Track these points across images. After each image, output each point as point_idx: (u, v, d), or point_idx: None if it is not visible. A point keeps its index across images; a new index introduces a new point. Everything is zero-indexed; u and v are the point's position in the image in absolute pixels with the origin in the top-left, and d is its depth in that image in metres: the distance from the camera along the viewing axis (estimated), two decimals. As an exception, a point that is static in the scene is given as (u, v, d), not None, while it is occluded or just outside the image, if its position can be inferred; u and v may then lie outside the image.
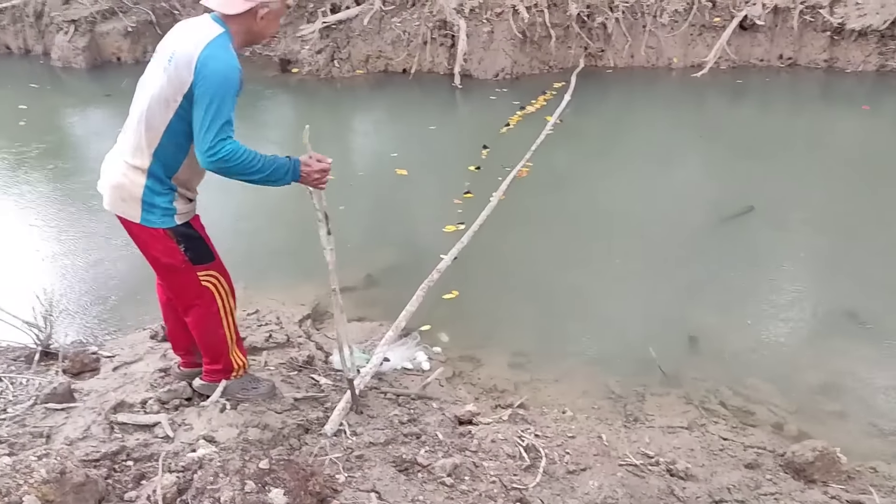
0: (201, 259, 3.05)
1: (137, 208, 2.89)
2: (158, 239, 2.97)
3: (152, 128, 2.80)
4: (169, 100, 2.73)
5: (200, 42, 2.69)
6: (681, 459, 3.27)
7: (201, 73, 2.64)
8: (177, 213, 2.94)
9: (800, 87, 8.95)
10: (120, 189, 2.91)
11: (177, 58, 2.72)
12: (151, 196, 2.88)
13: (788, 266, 5.21)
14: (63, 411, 3.27)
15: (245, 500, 2.44)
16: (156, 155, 2.83)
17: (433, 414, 3.54)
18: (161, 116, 2.77)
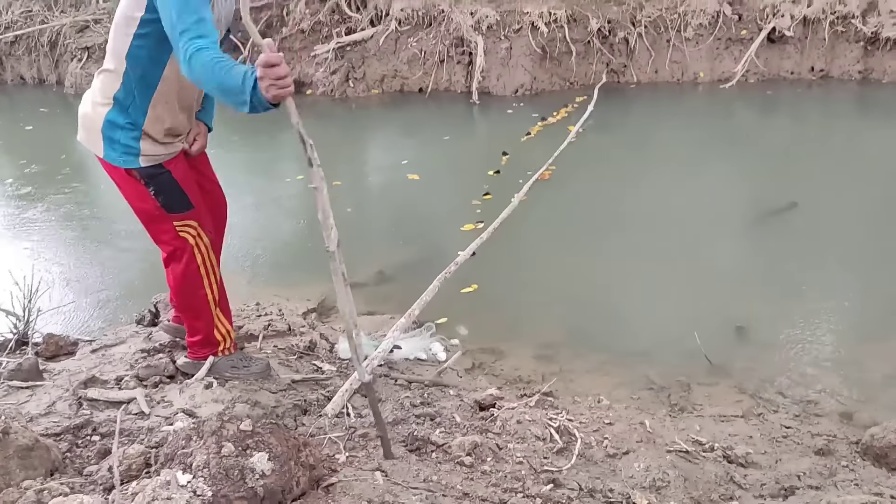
0: (175, 207, 2.70)
1: (99, 141, 2.61)
2: (125, 179, 2.67)
3: (116, 51, 2.52)
4: (128, 18, 2.46)
5: None
6: (739, 446, 2.80)
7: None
8: (141, 153, 2.61)
9: (833, 99, 8.56)
10: (84, 117, 2.64)
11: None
12: (112, 129, 2.58)
13: (837, 259, 4.74)
14: (28, 389, 2.87)
15: (221, 464, 2.00)
16: (123, 83, 2.53)
17: (450, 399, 3.10)
18: (122, 40, 2.48)
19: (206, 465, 2.02)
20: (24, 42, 11.21)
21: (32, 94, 10.92)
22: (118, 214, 5.98)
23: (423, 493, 2.29)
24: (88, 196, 6.49)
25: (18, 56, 11.32)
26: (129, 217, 5.76)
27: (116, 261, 5.02)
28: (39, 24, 10.95)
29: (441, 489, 2.33)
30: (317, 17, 9.76)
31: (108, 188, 6.61)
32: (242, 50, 9.93)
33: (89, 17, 10.74)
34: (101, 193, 6.59)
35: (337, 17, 9.78)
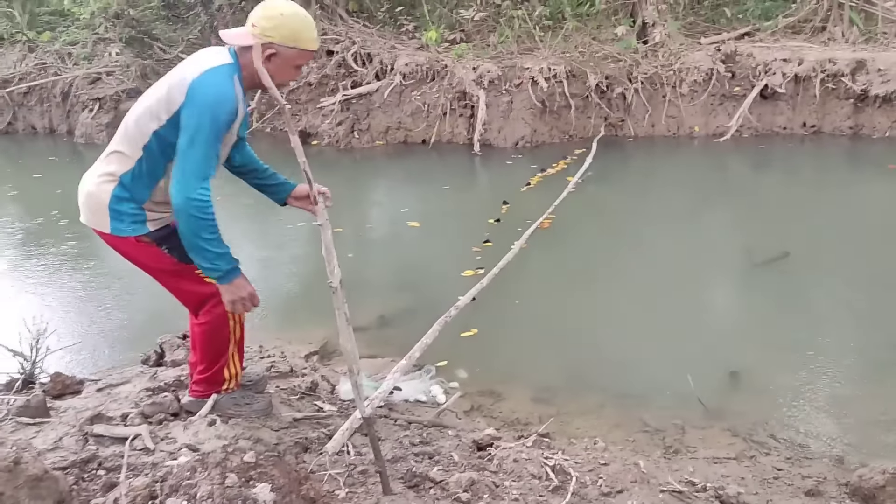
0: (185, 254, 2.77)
1: (106, 217, 2.72)
2: (137, 247, 2.78)
3: (133, 139, 2.67)
4: (154, 115, 2.61)
5: (202, 66, 2.59)
6: (731, 486, 2.85)
7: (191, 97, 2.52)
8: (148, 219, 2.75)
9: (825, 154, 8.73)
10: (89, 197, 2.76)
11: (175, 74, 2.63)
12: (118, 203, 2.70)
13: (828, 307, 4.83)
14: (35, 426, 2.94)
15: (225, 494, 2.07)
16: (130, 168, 2.69)
17: (448, 439, 3.17)
18: (143, 129, 2.64)
19: (209, 495, 2.09)
20: (36, 93, 11.49)
21: (43, 143, 11.15)
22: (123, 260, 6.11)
23: (420, 527, 2.35)
24: (93, 241, 6.61)
25: (31, 106, 11.59)
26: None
27: (121, 303, 5.11)
28: (53, 76, 11.24)
29: (438, 524, 2.39)
30: (323, 71, 10.03)
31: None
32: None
33: (102, 70, 11.04)
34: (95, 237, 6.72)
35: (343, 71, 10.05)
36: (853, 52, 9.12)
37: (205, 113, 2.50)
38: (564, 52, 9.70)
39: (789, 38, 9.84)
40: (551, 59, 9.44)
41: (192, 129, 2.50)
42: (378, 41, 10.29)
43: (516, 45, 10.04)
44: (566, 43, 9.90)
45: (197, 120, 2.50)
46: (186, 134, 2.51)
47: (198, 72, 2.56)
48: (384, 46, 10.13)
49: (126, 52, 11.11)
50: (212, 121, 2.51)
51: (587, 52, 9.74)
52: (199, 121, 2.50)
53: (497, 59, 9.68)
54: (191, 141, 2.51)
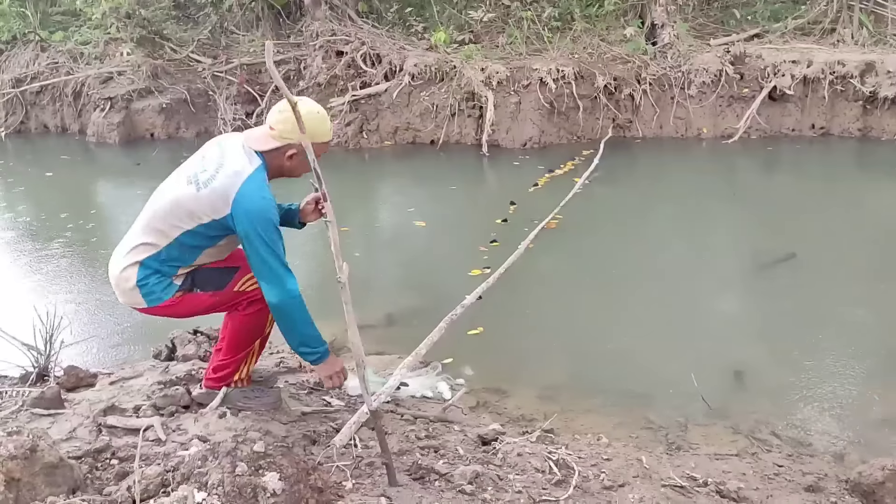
0: (224, 281, 2.94)
1: (138, 295, 2.88)
2: (177, 304, 2.92)
3: (161, 232, 2.83)
4: (194, 214, 2.77)
5: (240, 176, 2.75)
6: (731, 481, 2.89)
7: (240, 210, 2.71)
8: (173, 281, 2.91)
9: (833, 156, 8.76)
10: (119, 281, 2.91)
11: (213, 186, 2.75)
12: (145, 279, 2.86)
13: (832, 308, 4.84)
14: (50, 417, 3.01)
15: (235, 482, 2.13)
16: (155, 255, 2.84)
17: (453, 434, 3.22)
18: (177, 223, 2.80)
19: (220, 483, 2.15)
20: (49, 92, 11.60)
21: (55, 142, 11.25)
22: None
23: (425, 517, 2.40)
24: (103, 238, 6.72)
25: (43, 105, 11.70)
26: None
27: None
28: (65, 76, 11.35)
29: (443, 515, 2.44)
30: (333, 72, 10.10)
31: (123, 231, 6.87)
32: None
33: (113, 70, 11.13)
34: (117, 235, 6.81)
35: (352, 72, 10.11)
36: (862, 54, 9.13)
37: (255, 221, 2.71)
38: (573, 54, 9.74)
39: (798, 39, 9.85)
40: (560, 61, 9.48)
41: (252, 237, 2.72)
42: (387, 42, 10.35)
43: (525, 47, 10.08)
44: (575, 44, 9.94)
45: (252, 229, 2.71)
46: (249, 243, 2.74)
47: (238, 182, 2.73)
48: (393, 47, 10.19)
49: (137, 51, 11.20)
50: (266, 226, 2.74)
51: (596, 53, 9.78)
52: (253, 229, 2.71)
53: (506, 60, 9.73)
54: (255, 247, 2.73)
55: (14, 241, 6.71)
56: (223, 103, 10.84)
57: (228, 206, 2.72)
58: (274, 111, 2.83)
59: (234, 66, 11.07)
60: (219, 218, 2.75)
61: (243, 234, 2.74)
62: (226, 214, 2.73)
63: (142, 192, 8.23)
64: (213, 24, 11.97)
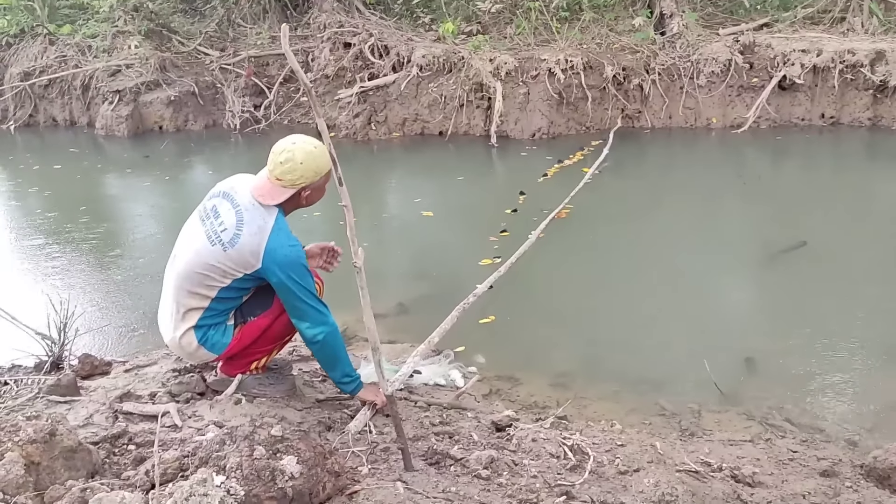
0: (268, 299, 3.02)
1: (205, 352, 3.01)
2: (239, 340, 3.03)
3: (200, 295, 2.92)
4: (227, 272, 2.87)
5: (264, 232, 2.84)
6: (746, 466, 2.90)
7: (271, 263, 2.81)
8: (227, 325, 3.03)
9: (843, 145, 8.71)
10: (182, 350, 3.03)
11: (240, 244, 2.83)
12: (204, 337, 2.97)
13: (844, 295, 4.82)
14: (66, 403, 3.03)
15: (253, 466, 2.14)
16: (203, 315, 2.95)
17: (467, 420, 3.23)
18: (212, 284, 2.89)
19: (238, 466, 2.16)
20: (57, 85, 11.60)
21: (64, 135, 11.28)
22: (145, 247, 6.22)
23: (441, 502, 2.41)
24: (114, 229, 6.75)
25: (52, 99, 11.71)
26: (156, 249, 5.99)
27: (146, 288, 5.20)
28: (73, 69, 11.36)
29: (459, 499, 2.45)
30: (341, 63, 10.10)
31: (132, 223, 6.90)
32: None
33: (121, 63, 11.14)
34: (126, 228, 6.85)
35: (360, 63, 10.09)
36: (872, 42, 9.06)
37: (287, 270, 2.83)
38: (581, 44, 9.70)
39: (808, 28, 9.80)
40: (568, 51, 9.44)
41: (287, 285, 2.83)
42: (395, 33, 10.34)
43: (533, 37, 10.05)
44: (583, 34, 9.90)
45: (287, 278, 2.83)
46: (288, 292, 2.85)
47: (264, 238, 2.83)
48: (401, 39, 10.17)
49: (145, 44, 11.21)
50: (299, 272, 2.86)
51: (604, 43, 9.74)
52: (288, 277, 2.83)
53: (514, 51, 9.71)
54: (295, 295, 2.85)
55: (25, 232, 6.73)
56: (231, 95, 10.85)
57: (259, 261, 2.82)
58: (275, 162, 2.86)
59: (242, 58, 11.06)
60: (251, 273, 2.85)
61: (277, 284, 2.85)
62: (257, 268, 2.83)
63: (150, 185, 8.30)
64: (220, 16, 11.96)
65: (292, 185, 2.87)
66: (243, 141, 10.28)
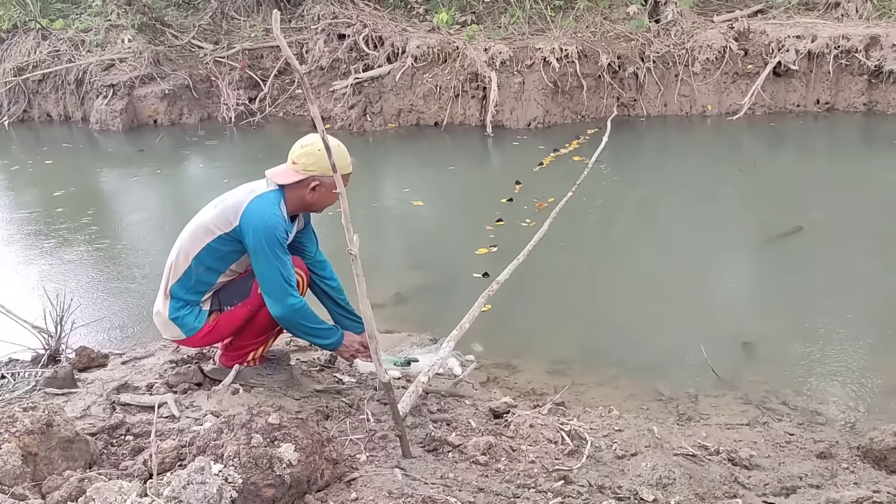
0: (246, 288, 3.01)
1: (176, 328, 2.98)
2: (213, 327, 3.01)
3: (184, 253, 2.93)
4: (209, 228, 2.87)
5: (253, 192, 2.87)
6: (743, 449, 2.90)
7: (247, 223, 2.79)
8: (202, 309, 3.01)
9: (838, 130, 8.71)
10: (158, 316, 3.02)
11: (227, 201, 2.89)
12: (176, 311, 2.95)
13: (840, 279, 4.83)
14: (63, 396, 3.03)
15: (251, 453, 2.14)
16: (180, 279, 2.93)
17: (465, 408, 3.23)
18: (196, 242, 2.89)
19: (236, 454, 2.16)
20: (51, 80, 11.56)
21: (58, 130, 11.24)
22: (141, 240, 6.21)
23: (440, 487, 2.41)
24: (107, 223, 6.74)
25: (46, 94, 11.67)
26: (152, 241, 5.98)
27: (142, 280, 5.20)
28: (67, 63, 11.32)
29: (457, 484, 2.45)
30: (335, 55, 10.07)
31: (128, 216, 6.88)
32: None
33: (115, 57, 11.10)
34: (120, 221, 6.83)
35: (355, 55, 10.07)
36: (867, 27, 9.05)
37: (260, 234, 2.78)
38: (576, 33, 9.68)
39: (803, 14, 9.78)
40: (563, 40, 9.42)
41: (258, 251, 2.80)
42: (389, 24, 10.30)
43: (528, 26, 10.03)
44: (578, 23, 9.88)
45: (258, 242, 2.79)
46: (255, 257, 2.83)
47: (249, 198, 2.85)
48: (395, 29, 10.14)
49: (138, 38, 11.17)
50: (271, 242, 2.79)
51: (599, 31, 9.72)
52: (259, 242, 2.79)
53: (508, 41, 9.68)
54: (260, 262, 2.82)
55: (20, 226, 6.72)
56: (226, 88, 10.82)
57: (237, 218, 2.81)
58: (296, 146, 2.90)
59: (236, 51, 11.04)
60: (228, 231, 2.84)
61: (250, 248, 2.82)
62: (234, 227, 2.82)
63: (143, 178, 8.28)
64: (213, 9, 11.92)
65: (304, 169, 2.86)
66: (238, 133, 10.25)
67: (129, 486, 2.09)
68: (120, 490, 2.03)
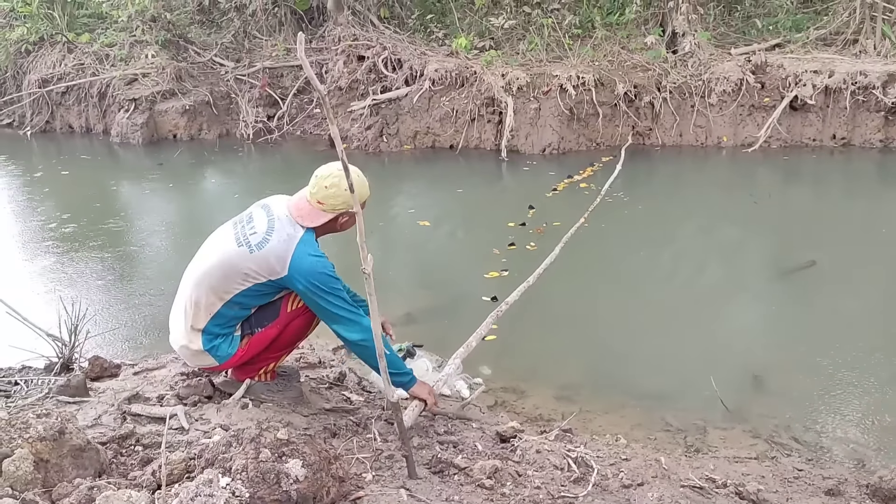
0: (276, 310, 3.02)
1: (209, 358, 3.00)
2: (245, 351, 3.03)
3: (216, 293, 2.91)
4: (249, 275, 2.87)
5: (293, 240, 2.87)
6: (751, 483, 2.89)
7: (298, 272, 2.82)
8: (234, 335, 3.02)
9: (854, 166, 8.70)
10: (186, 351, 3.02)
11: (267, 248, 2.85)
12: (211, 343, 2.97)
13: (852, 315, 4.81)
14: (75, 404, 3.05)
15: (258, 468, 2.16)
16: (213, 318, 2.94)
17: (472, 431, 3.23)
18: (230, 286, 2.89)
19: (244, 468, 2.17)
20: (74, 92, 11.73)
21: (79, 142, 11.38)
22: (157, 253, 6.27)
23: (445, 509, 2.42)
24: (125, 234, 6.80)
25: (69, 105, 11.84)
26: (168, 254, 6.03)
27: (155, 292, 5.25)
28: (90, 76, 11.48)
29: (462, 507, 2.45)
30: (354, 76, 10.18)
31: (145, 229, 6.95)
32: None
33: (138, 71, 11.26)
34: (138, 233, 6.90)
35: (373, 76, 10.18)
36: (885, 64, 9.06)
37: (314, 279, 2.83)
38: (593, 61, 9.75)
39: (820, 50, 9.80)
40: (580, 68, 9.49)
41: (316, 293, 2.83)
42: (408, 47, 10.41)
43: (545, 53, 10.11)
44: (595, 51, 9.95)
45: (316, 286, 2.82)
46: (318, 299, 2.84)
47: (291, 247, 2.85)
48: (414, 52, 10.24)
49: (161, 54, 11.33)
50: (325, 279, 2.84)
51: (616, 60, 9.78)
52: (317, 285, 2.83)
53: (526, 67, 9.76)
54: (326, 301, 2.85)
55: (38, 235, 6.80)
56: (245, 106, 10.94)
57: (285, 268, 2.82)
58: (320, 188, 2.91)
59: (257, 69, 11.18)
60: (275, 279, 2.86)
61: (305, 292, 2.85)
62: (282, 276, 2.84)
63: (161, 191, 8.36)
64: (236, 28, 12.09)
65: (333, 209, 2.91)
66: (256, 150, 10.35)
67: (137, 496, 2.11)
68: (129, 500, 2.04)
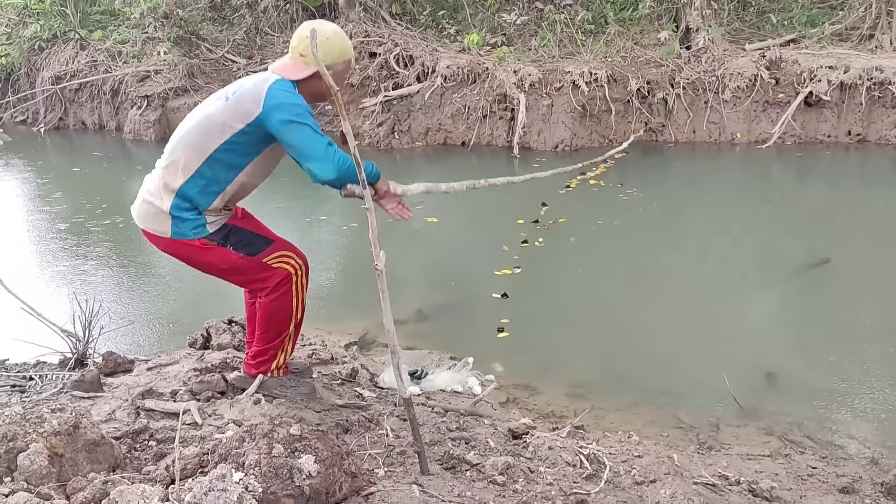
0: (257, 248, 2.94)
1: (167, 222, 2.84)
2: (200, 250, 2.88)
3: (195, 150, 2.79)
4: (225, 125, 2.75)
5: (267, 81, 2.76)
6: (764, 481, 2.87)
7: (271, 105, 2.68)
8: (207, 222, 2.88)
9: (869, 163, 8.64)
10: (149, 204, 2.88)
11: (241, 91, 2.76)
12: (179, 211, 2.83)
13: (866, 312, 4.78)
14: (90, 399, 3.08)
15: (271, 463, 2.16)
16: (191, 178, 2.81)
17: (484, 427, 3.23)
18: (208, 140, 2.77)
19: (257, 463, 2.18)
20: (87, 89, 11.82)
21: (92, 138, 11.47)
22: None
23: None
24: (135, 231, 6.81)
25: (81, 102, 11.94)
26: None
27: (168, 289, 5.27)
28: (103, 73, 11.55)
29: (474, 503, 2.45)
30: (366, 73, 10.19)
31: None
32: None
33: (150, 68, 11.32)
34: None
35: (385, 73, 10.19)
36: (901, 60, 9.01)
37: (286, 109, 2.68)
38: (606, 57, 9.72)
39: (836, 45, 9.74)
40: (593, 64, 9.46)
41: (287, 124, 2.67)
42: (420, 44, 10.41)
43: (558, 49, 10.08)
44: (608, 47, 9.92)
45: (285, 116, 2.67)
46: (286, 132, 2.68)
47: (267, 84, 2.73)
48: (426, 49, 10.25)
49: (174, 51, 11.40)
50: (300, 112, 2.69)
51: (629, 56, 9.75)
52: (287, 116, 2.67)
53: (538, 63, 9.74)
54: (292, 133, 2.68)
55: (52, 232, 6.84)
56: (257, 102, 10.96)
57: (259, 105, 2.69)
58: (300, 39, 2.80)
59: (268, 65, 11.20)
60: (251, 121, 2.72)
61: (279, 126, 2.68)
62: (257, 114, 2.70)
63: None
64: (248, 25, 12.13)
65: (314, 62, 2.72)
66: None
67: (151, 491, 2.12)
68: (142, 494, 2.05)
